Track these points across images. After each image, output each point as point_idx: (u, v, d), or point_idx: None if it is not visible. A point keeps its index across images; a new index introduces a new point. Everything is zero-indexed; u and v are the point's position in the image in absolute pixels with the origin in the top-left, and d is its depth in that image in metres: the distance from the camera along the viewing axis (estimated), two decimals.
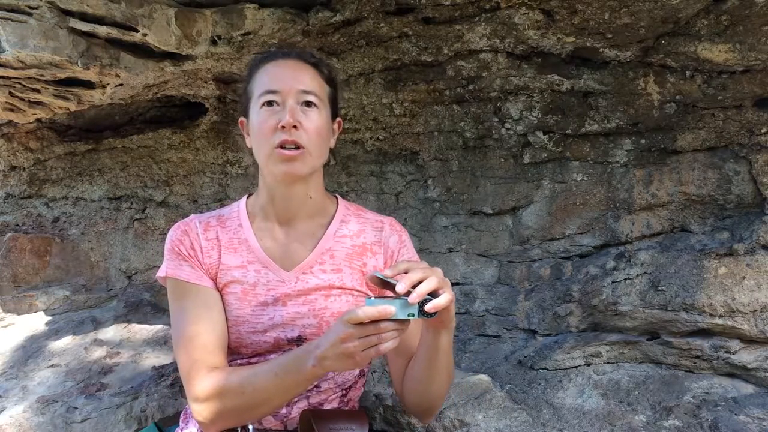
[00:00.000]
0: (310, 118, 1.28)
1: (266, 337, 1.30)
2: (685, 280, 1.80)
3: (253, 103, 1.32)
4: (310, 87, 1.30)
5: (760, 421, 1.59)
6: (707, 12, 1.78)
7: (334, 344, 1.07)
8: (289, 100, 1.27)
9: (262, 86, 1.30)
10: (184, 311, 1.29)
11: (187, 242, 1.33)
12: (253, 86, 1.33)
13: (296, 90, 1.28)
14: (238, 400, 1.19)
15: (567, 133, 2.08)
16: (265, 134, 1.27)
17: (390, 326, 1.06)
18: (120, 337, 2.27)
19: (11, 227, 2.66)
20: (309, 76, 1.32)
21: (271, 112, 1.27)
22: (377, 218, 1.45)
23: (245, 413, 1.22)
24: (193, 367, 1.23)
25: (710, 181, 1.93)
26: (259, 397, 1.18)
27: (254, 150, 1.33)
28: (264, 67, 1.33)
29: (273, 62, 1.34)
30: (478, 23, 1.96)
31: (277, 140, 1.25)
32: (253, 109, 1.32)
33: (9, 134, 2.65)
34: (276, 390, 1.18)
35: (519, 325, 2.11)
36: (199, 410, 1.22)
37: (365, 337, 1.05)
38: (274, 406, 1.23)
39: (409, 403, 1.36)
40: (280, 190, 1.34)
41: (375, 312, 1.04)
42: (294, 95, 1.28)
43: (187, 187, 2.56)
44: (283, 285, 1.32)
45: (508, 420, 1.66)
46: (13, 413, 1.88)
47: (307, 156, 1.28)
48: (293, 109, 1.26)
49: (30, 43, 1.66)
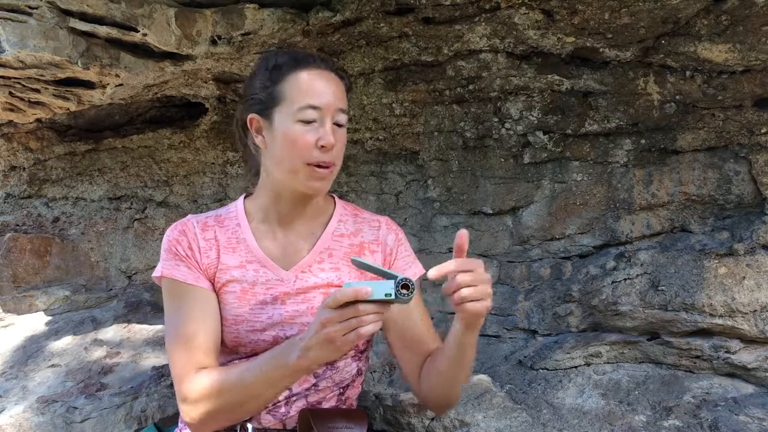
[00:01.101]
0: (340, 137, 1.29)
1: (265, 335, 1.30)
2: (685, 280, 1.80)
3: (286, 111, 1.26)
4: (345, 106, 1.30)
5: (760, 421, 1.59)
6: (707, 12, 1.78)
7: (316, 331, 1.07)
8: (327, 118, 1.26)
9: (304, 98, 1.25)
10: (178, 312, 1.29)
11: (185, 242, 1.33)
12: (286, 91, 1.27)
13: (336, 108, 1.27)
14: (226, 399, 1.19)
15: (567, 133, 2.08)
16: (302, 150, 1.25)
17: (369, 308, 1.04)
18: (120, 337, 2.27)
19: (11, 227, 2.66)
20: (343, 93, 1.31)
21: (309, 128, 1.25)
22: (374, 217, 1.47)
23: (234, 411, 1.22)
24: (184, 368, 1.24)
25: (710, 181, 1.93)
26: (247, 393, 1.19)
27: (277, 158, 1.29)
28: (300, 74, 1.28)
29: (309, 71, 1.28)
30: (478, 23, 1.96)
31: (314, 159, 1.25)
32: (284, 117, 1.27)
33: (9, 134, 2.65)
34: (263, 385, 1.18)
35: (519, 325, 2.11)
36: (188, 411, 1.22)
37: (345, 320, 1.04)
38: (264, 401, 1.23)
39: (431, 398, 1.36)
40: (293, 198, 1.34)
41: (351, 292, 1.02)
42: (332, 114, 1.27)
43: (187, 187, 2.56)
44: (282, 284, 1.33)
45: (508, 420, 1.66)
46: (13, 413, 1.88)
47: (335, 172, 1.31)
48: (334, 130, 1.26)
49: (30, 43, 1.66)
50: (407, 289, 1.03)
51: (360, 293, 1.02)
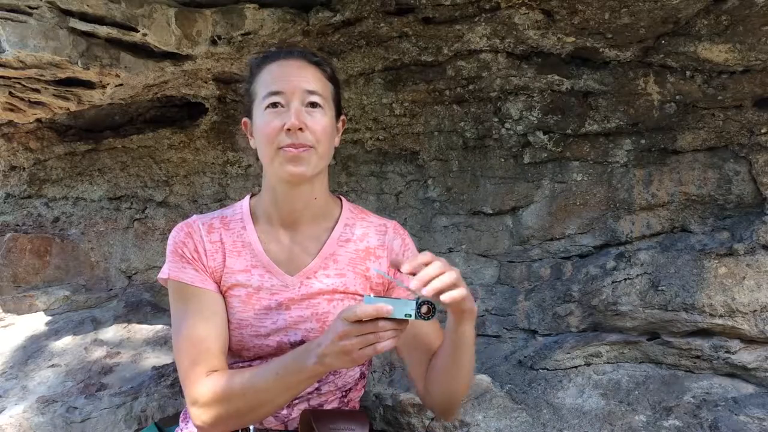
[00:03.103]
0: (316, 119, 1.27)
1: (269, 340, 1.30)
2: (685, 280, 1.80)
3: (257, 105, 1.30)
4: (314, 87, 1.29)
5: (760, 421, 1.59)
6: (707, 12, 1.78)
7: (333, 341, 1.07)
8: (293, 101, 1.26)
9: (266, 87, 1.28)
10: (186, 314, 1.28)
11: (191, 245, 1.32)
12: (256, 87, 1.31)
13: (301, 90, 1.27)
14: (239, 403, 1.19)
15: (567, 133, 2.08)
16: (270, 136, 1.25)
17: (388, 325, 1.05)
18: (120, 337, 2.27)
19: (11, 227, 2.66)
20: (313, 76, 1.31)
21: (275, 114, 1.26)
22: (380, 222, 1.45)
23: (246, 415, 1.21)
24: (194, 371, 1.23)
25: (710, 181, 1.93)
26: (261, 398, 1.18)
27: (259, 152, 1.32)
28: (267, 67, 1.31)
29: (276, 62, 1.32)
30: (478, 23, 1.96)
31: (282, 143, 1.25)
32: (257, 111, 1.30)
33: (9, 134, 2.65)
34: (278, 390, 1.17)
35: (519, 325, 2.11)
36: (199, 414, 1.21)
37: (363, 335, 1.05)
38: (276, 406, 1.22)
39: (433, 398, 1.36)
40: (284, 191, 1.33)
41: (372, 310, 1.03)
42: (299, 96, 1.26)
43: (187, 187, 2.56)
44: (287, 289, 1.32)
45: (508, 420, 1.66)
46: (13, 413, 1.88)
47: (314, 155, 1.27)
48: (298, 111, 1.25)
49: (30, 43, 1.66)
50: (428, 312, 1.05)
51: (382, 311, 1.03)
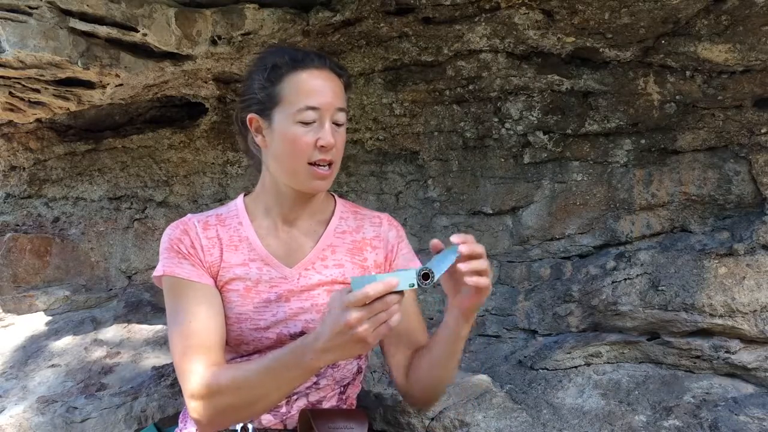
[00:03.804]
0: (340, 136, 1.30)
1: (269, 333, 1.30)
2: (685, 280, 1.80)
3: (285, 112, 1.27)
4: (343, 104, 1.30)
5: (760, 421, 1.59)
6: (707, 12, 1.78)
7: (340, 332, 1.03)
8: (326, 118, 1.27)
9: (303, 100, 1.26)
10: (182, 308, 1.28)
11: (188, 241, 1.32)
12: (285, 91, 1.28)
13: (334, 108, 1.28)
14: (234, 398, 1.18)
15: (567, 133, 2.08)
16: (302, 150, 1.26)
17: (394, 298, 1.02)
18: (120, 337, 2.27)
19: (11, 227, 2.66)
20: (341, 91, 1.31)
21: (308, 129, 1.26)
22: (374, 214, 1.48)
23: (242, 410, 1.21)
24: (191, 365, 1.22)
25: (710, 181, 1.93)
26: (257, 393, 1.17)
27: (278, 158, 1.31)
28: (299, 75, 1.28)
29: (308, 70, 1.29)
30: (478, 23, 1.96)
31: (314, 158, 1.26)
32: (283, 118, 1.27)
33: (9, 134, 2.65)
34: (273, 385, 1.16)
35: (519, 325, 2.11)
36: (195, 407, 1.20)
37: (374, 315, 1.02)
38: (272, 401, 1.22)
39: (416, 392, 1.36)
40: (295, 197, 1.35)
41: (382, 287, 1.00)
42: (331, 113, 1.27)
43: (187, 187, 2.56)
44: (285, 282, 1.33)
45: (508, 420, 1.66)
46: (13, 413, 1.88)
47: (335, 171, 1.32)
48: (333, 130, 1.27)
49: (30, 43, 1.66)
50: (427, 278, 1.03)
51: (390, 285, 1.00)
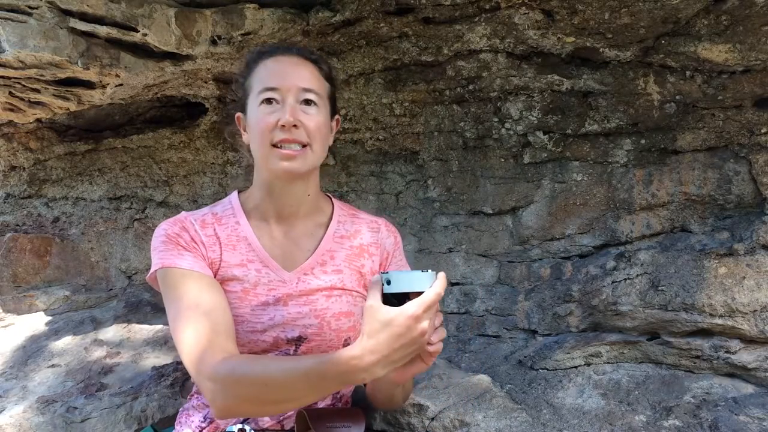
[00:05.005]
0: (310, 116, 1.28)
1: (265, 336, 1.29)
2: (685, 280, 1.80)
3: (252, 99, 1.30)
4: (310, 85, 1.29)
5: (760, 421, 1.59)
6: (707, 12, 1.78)
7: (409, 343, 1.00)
8: (289, 97, 1.26)
9: (261, 83, 1.28)
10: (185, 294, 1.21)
11: (187, 236, 1.30)
12: (251, 81, 1.31)
13: (297, 87, 1.27)
14: (259, 391, 1.10)
15: (567, 133, 2.08)
16: (264, 132, 1.26)
17: None
18: (120, 337, 2.27)
19: (11, 227, 2.66)
20: (309, 73, 1.31)
21: (270, 110, 1.26)
22: (371, 219, 1.47)
23: (267, 406, 1.15)
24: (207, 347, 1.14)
25: (710, 181, 1.93)
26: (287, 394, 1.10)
27: (252, 147, 1.32)
28: (263, 63, 1.31)
29: (273, 58, 1.32)
30: (478, 23, 1.96)
31: (275, 138, 1.25)
32: (251, 106, 1.30)
33: (9, 134, 2.65)
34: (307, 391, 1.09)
35: (519, 325, 2.11)
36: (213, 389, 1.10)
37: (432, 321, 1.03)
38: (301, 404, 1.19)
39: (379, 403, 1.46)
40: (278, 186, 1.33)
41: (436, 296, 1.01)
42: (294, 93, 1.27)
43: (187, 187, 2.56)
44: (284, 285, 1.32)
45: (508, 420, 1.65)
46: (13, 413, 1.88)
47: (309, 153, 1.28)
48: (293, 108, 1.25)
49: (30, 43, 1.66)
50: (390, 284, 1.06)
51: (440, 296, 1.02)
